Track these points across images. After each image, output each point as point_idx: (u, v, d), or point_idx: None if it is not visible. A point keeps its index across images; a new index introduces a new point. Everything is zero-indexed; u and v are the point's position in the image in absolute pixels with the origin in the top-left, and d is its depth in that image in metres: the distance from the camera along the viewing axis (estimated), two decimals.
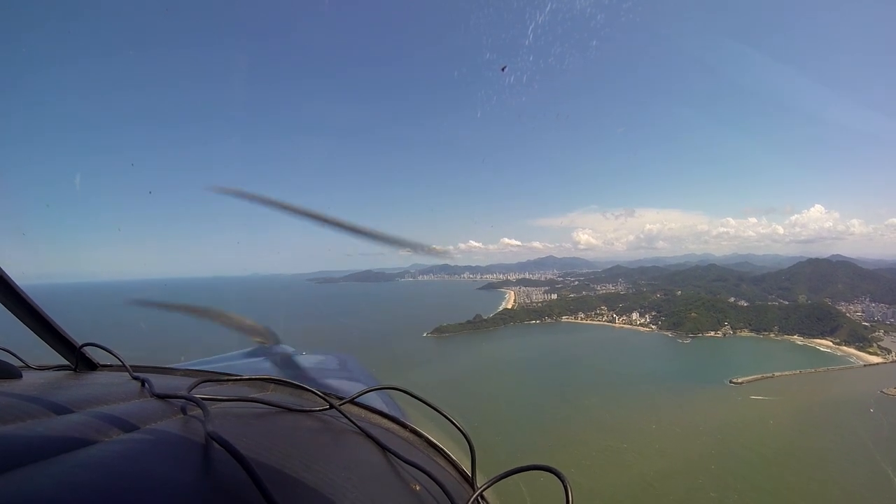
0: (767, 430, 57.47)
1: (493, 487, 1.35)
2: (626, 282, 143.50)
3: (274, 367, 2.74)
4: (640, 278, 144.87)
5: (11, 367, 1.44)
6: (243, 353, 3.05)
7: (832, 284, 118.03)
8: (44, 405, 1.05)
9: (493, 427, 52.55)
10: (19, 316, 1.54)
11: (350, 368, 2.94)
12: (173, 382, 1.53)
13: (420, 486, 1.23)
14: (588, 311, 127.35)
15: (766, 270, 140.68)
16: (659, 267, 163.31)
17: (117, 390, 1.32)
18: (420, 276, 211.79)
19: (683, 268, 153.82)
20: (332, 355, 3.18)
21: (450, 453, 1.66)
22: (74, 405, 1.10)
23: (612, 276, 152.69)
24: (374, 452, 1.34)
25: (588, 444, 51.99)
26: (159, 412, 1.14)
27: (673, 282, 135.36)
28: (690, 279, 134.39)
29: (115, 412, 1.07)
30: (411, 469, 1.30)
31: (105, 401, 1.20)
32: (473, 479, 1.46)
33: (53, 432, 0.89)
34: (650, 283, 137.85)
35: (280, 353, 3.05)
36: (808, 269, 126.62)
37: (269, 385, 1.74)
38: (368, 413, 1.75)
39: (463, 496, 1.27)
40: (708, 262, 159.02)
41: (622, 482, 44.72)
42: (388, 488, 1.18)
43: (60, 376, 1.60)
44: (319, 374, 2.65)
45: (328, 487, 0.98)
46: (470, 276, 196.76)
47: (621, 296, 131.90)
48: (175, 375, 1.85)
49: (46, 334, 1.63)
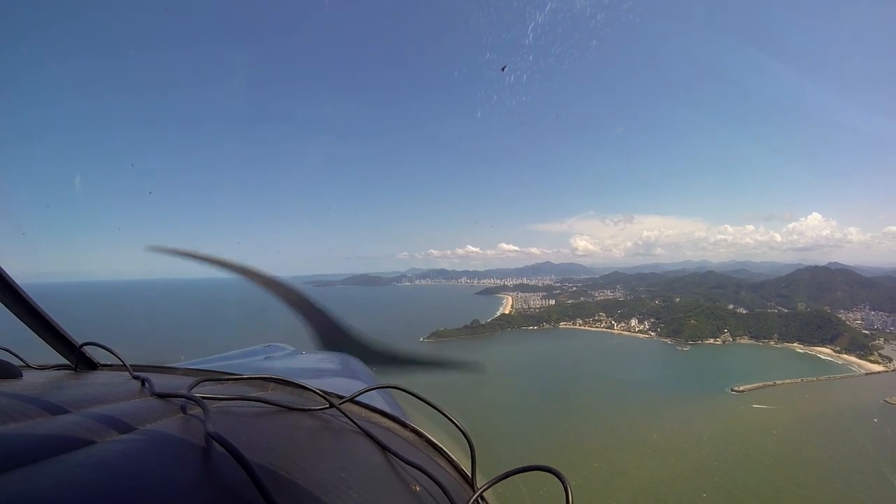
0: (772, 440, 56.26)
1: (493, 488, 1.34)
2: (624, 288, 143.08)
3: (274, 367, 2.64)
4: (639, 285, 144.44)
5: (11, 367, 1.44)
6: (243, 352, 3.12)
7: (831, 292, 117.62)
8: (44, 405, 1.05)
9: (491, 433, 51.11)
10: (19, 315, 1.54)
11: (350, 367, 2.94)
12: (173, 382, 1.53)
13: (420, 487, 1.23)
14: (586, 318, 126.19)
15: (763, 278, 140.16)
16: (657, 274, 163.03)
17: (117, 390, 1.33)
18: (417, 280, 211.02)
19: (681, 274, 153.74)
20: (332, 354, 3.22)
21: (450, 453, 1.65)
22: (75, 405, 1.10)
23: (611, 282, 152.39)
24: (374, 452, 1.34)
25: (590, 454, 50.63)
26: (159, 411, 1.14)
27: (671, 288, 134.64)
28: (689, 286, 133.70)
29: (115, 412, 1.08)
30: (411, 469, 1.30)
31: (105, 400, 1.20)
32: (473, 480, 1.45)
33: (54, 432, 0.90)
34: (648, 290, 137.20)
35: (280, 352, 3.10)
36: (806, 276, 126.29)
37: (269, 384, 1.74)
38: (368, 412, 1.74)
39: (463, 497, 1.26)
40: (706, 269, 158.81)
41: (624, 496, 43.38)
42: (388, 488, 1.18)
43: (60, 376, 1.60)
44: (320, 372, 2.69)
45: (328, 487, 0.98)
46: (467, 280, 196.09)
47: (620, 302, 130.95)
48: (175, 375, 1.85)
49: (46, 334, 1.62)
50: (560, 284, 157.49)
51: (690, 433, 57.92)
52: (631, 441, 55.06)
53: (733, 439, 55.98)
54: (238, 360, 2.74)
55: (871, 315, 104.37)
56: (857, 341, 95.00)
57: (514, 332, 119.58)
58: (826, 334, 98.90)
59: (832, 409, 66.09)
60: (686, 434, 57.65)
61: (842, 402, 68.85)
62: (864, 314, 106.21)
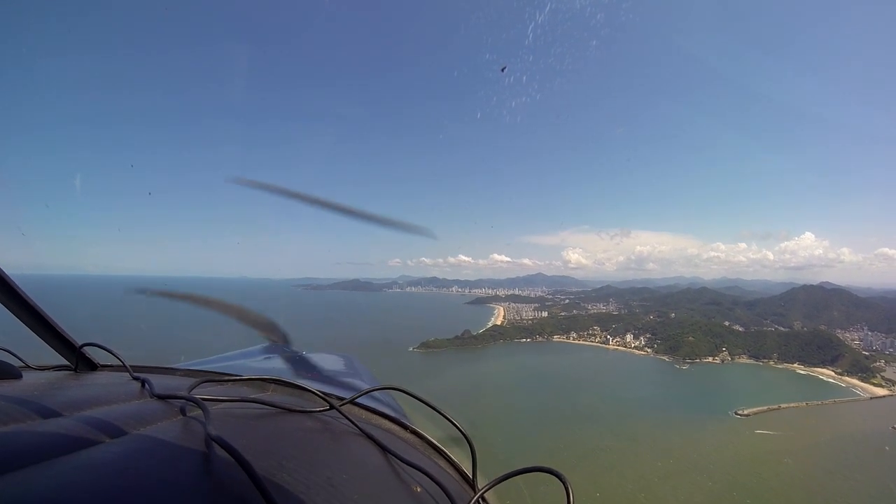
0: (784, 469, 52.65)
1: (494, 489, 1.35)
2: (617, 302, 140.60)
3: (274, 368, 2.66)
4: (632, 299, 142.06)
5: (11, 368, 1.44)
6: (244, 353, 3.06)
7: (827, 311, 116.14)
8: (44, 406, 1.05)
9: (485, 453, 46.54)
10: (19, 316, 1.53)
11: (351, 368, 2.93)
12: (174, 383, 1.53)
13: (421, 488, 1.23)
14: (580, 331, 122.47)
15: (756, 295, 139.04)
16: (650, 288, 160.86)
17: (117, 391, 1.32)
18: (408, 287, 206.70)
19: (674, 290, 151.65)
20: (333, 355, 3.17)
21: (451, 455, 1.66)
22: (75, 406, 1.10)
23: (603, 295, 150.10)
24: (375, 453, 1.34)
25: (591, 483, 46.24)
26: (160, 413, 1.14)
27: (665, 304, 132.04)
28: (683, 302, 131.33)
29: (115, 413, 1.08)
30: (412, 470, 1.29)
31: (105, 401, 1.19)
32: (474, 481, 1.45)
33: (54, 433, 0.89)
34: (642, 304, 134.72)
35: (280, 353, 3.05)
36: (802, 295, 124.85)
37: (269, 385, 1.74)
38: (369, 414, 1.74)
39: (464, 498, 1.26)
40: (698, 286, 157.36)
41: None
42: (389, 490, 1.18)
43: (60, 376, 1.60)
44: (320, 374, 2.65)
45: (328, 489, 0.98)
46: (459, 289, 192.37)
47: (614, 316, 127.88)
48: (175, 376, 1.84)
49: (46, 334, 1.62)
50: (552, 296, 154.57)
51: (699, 460, 54.06)
52: (636, 466, 51.13)
53: (745, 467, 52.30)
54: (238, 361, 2.69)
55: (870, 336, 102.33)
56: (859, 363, 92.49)
57: (506, 345, 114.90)
58: (827, 355, 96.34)
59: (840, 436, 62.81)
60: (695, 460, 53.80)
61: (849, 429, 65.61)
62: (861, 335, 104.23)
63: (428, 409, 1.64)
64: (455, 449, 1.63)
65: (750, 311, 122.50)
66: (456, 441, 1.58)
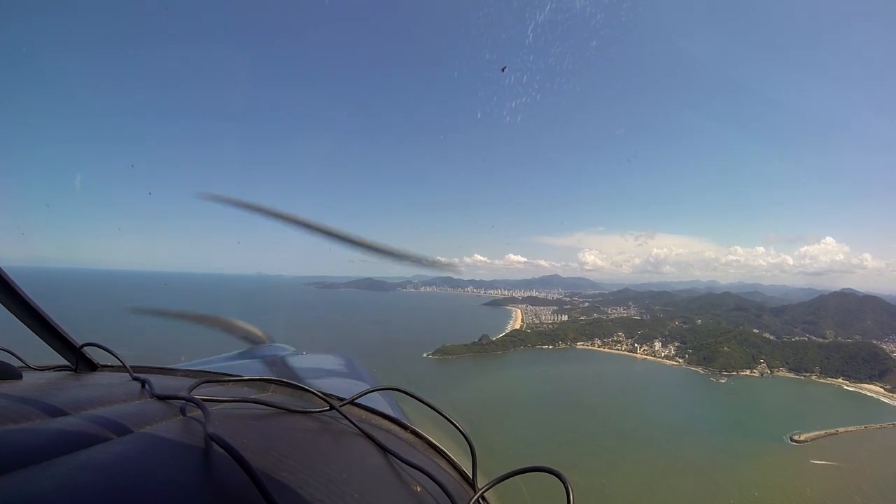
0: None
1: (494, 489, 1.36)
2: (636, 306, 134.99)
3: (275, 368, 2.70)
4: (652, 303, 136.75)
5: (11, 368, 1.44)
6: (244, 353, 3.10)
7: (861, 321, 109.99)
8: (44, 406, 1.06)
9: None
10: (19, 316, 1.54)
11: (351, 369, 2.93)
12: (174, 383, 1.54)
13: (421, 488, 1.23)
14: (605, 338, 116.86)
15: (778, 301, 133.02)
16: (668, 292, 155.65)
17: (118, 391, 1.33)
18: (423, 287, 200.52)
19: (693, 294, 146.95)
20: (333, 356, 3.17)
21: (451, 455, 1.66)
22: (75, 406, 1.10)
23: (622, 299, 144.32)
24: (375, 454, 1.35)
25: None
26: (160, 413, 1.14)
27: (688, 309, 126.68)
28: (706, 307, 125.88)
29: (115, 413, 1.08)
30: (412, 470, 1.30)
31: (105, 402, 1.20)
32: (474, 481, 1.46)
33: (54, 433, 0.90)
34: (664, 309, 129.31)
35: (281, 354, 3.08)
36: (832, 302, 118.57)
37: (269, 386, 1.75)
38: (369, 414, 1.74)
39: (464, 497, 1.27)
40: (716, 290, 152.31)
41: None
42: (389, 490, 1.18)
43: (61, 377, 1.60)
44: (320, 374, 2.67)
45: (328, 489, 0.98)
46: (474, 290, 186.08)
47: (638, 322, 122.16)
48: (175, 376, 1.85)
49: (46, 334, 1.63)
50: (570, 298, 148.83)
51: (765, 498, 48.66)
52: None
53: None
54: (238, 361, 2.74)
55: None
56: None
57: (527, 352, 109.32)
58: (874, 370, 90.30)
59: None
60: (761, 499, 48.40)
61: None
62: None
63: (428, 410, 1.63)
64: (455, 449, 1.62)
65: (778, 318, 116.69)
66: (456, 441, 1.58)
